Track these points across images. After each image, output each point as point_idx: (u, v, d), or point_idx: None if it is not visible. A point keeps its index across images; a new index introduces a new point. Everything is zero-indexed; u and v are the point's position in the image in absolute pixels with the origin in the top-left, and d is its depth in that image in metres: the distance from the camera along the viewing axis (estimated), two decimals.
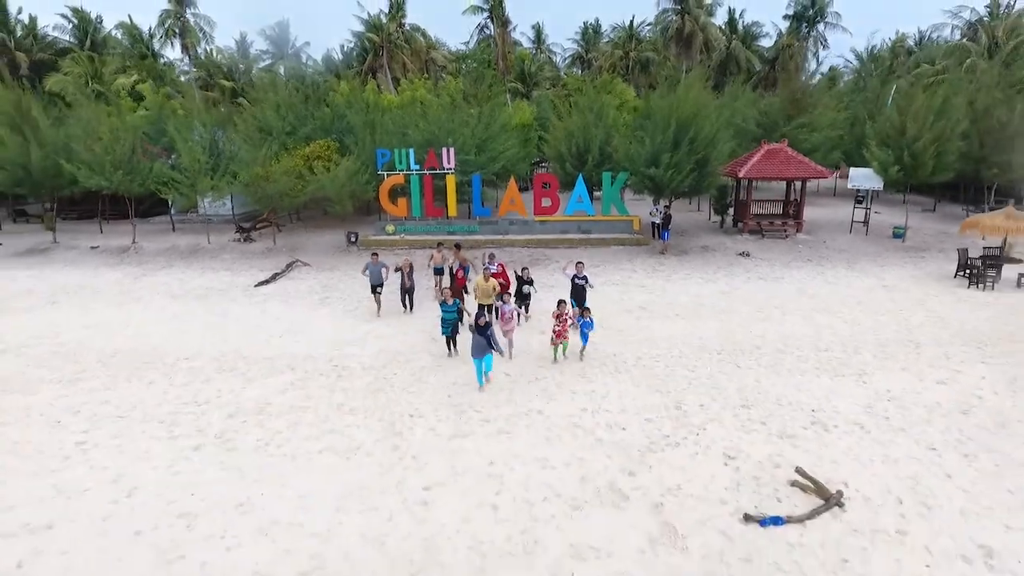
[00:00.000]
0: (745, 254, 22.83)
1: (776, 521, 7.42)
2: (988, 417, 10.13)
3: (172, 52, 55.99)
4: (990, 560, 6.77)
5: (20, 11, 52.34)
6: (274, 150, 26.00)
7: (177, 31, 51.55)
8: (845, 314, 16.09)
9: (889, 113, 25.26)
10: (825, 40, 61.89)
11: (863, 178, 24.93)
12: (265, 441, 9.66)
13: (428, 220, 25.51)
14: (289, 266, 22.08)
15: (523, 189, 28.87)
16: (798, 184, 25.90)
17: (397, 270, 16.35)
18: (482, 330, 11.00)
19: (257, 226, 27.29)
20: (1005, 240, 19.21)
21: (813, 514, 7.56)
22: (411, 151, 24.58)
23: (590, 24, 73.15)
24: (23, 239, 27.42)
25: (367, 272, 16.37)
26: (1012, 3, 40.62)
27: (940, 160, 22.87)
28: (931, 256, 22.49)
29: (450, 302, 12.84)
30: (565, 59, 74.51)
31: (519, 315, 14.77)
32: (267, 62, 60.33)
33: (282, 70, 58.80)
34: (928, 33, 49.63)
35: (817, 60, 62.79)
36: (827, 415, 10.26)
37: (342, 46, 61.96)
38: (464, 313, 12.98)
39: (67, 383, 12.13)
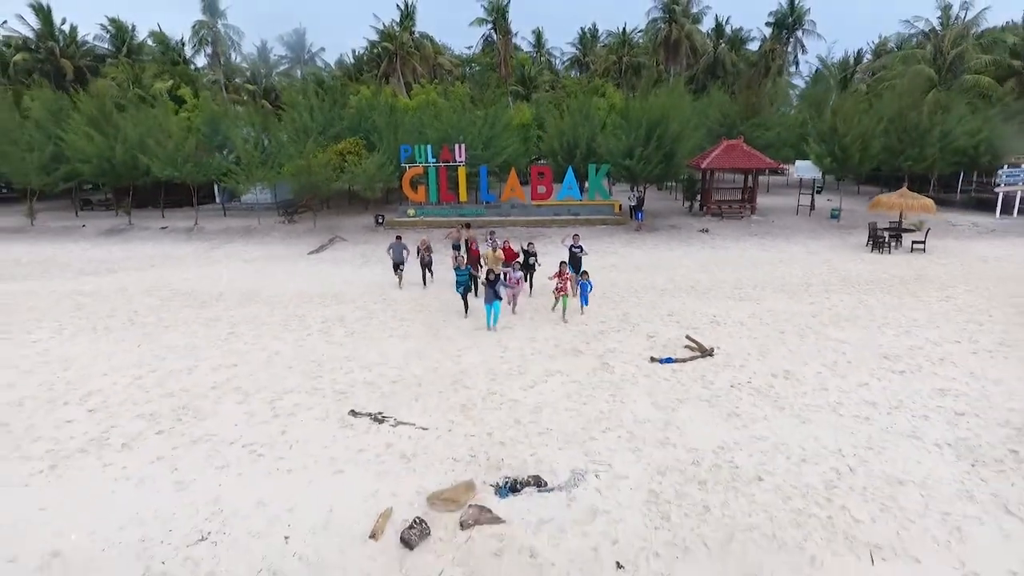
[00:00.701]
0: (704, 231, 27.87)
1: (668, 360, 12.44)
2: (828, 318, 15.20)
3: (200, 59, 61.14)
4: (787, 379, 11.73)
5: (64, 21, 57.34)
6: (311, 147, 31.06)
7: (209, 40, 56.63)
8: (767, 270, 21.13)
9: (826, 114, 30.26)
10: (803, 45, 66.98)
11: (805, 169, 30.00)
12: (350, 332, 14.71)
13: (443, 205, 30.55)
14: (331, 240, 27.17)
15: (523, 183, 33.85)
16: (754, 173, 30.90)
17: (418, 250, 19.28)
18: (491, 283, 14.32)
19: (299, 210, 32.35)
20: (901, 214, 24.17)
21: (692, 358, 12.59)
22: (429, 147, 29.65)
23: (587, 29, 78.22)
24: (99, 222, 32.49)
25: (391, 251, 19.16)
26: (961, 16, 45.39)
27: (865, 153, 27.86)
28: (857, 232, 27.43)
29: (463, 267, 16.09)
30: (564, 62, 79.53)
31: (523, 282, 16.92)
32: (285, 67, 65.54)
33: (299, 73, 64.04)
34: (890, 41, 54.50)
35: (797, 64, 67.91)
36: (722, 319, 15.29)
37: (354, 51, 67.20)
38: (476, 277, 17.45)
39: (199, 307, 17.19)
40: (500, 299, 14.49)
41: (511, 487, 7.95)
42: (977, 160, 30.28)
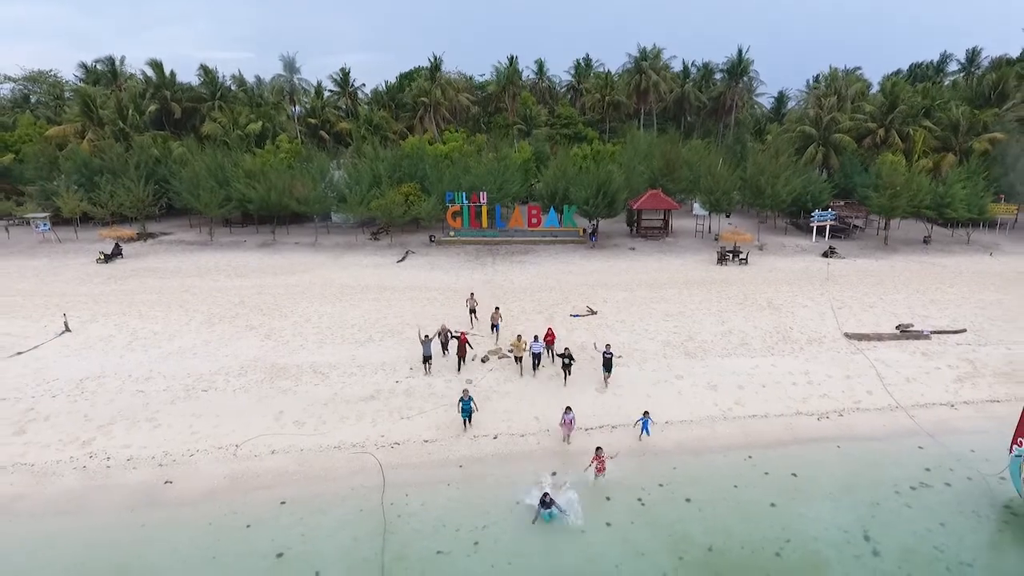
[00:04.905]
0: (632, 248, 45.86)
1: (576, 316, 30.57)
2: (659, 299, 33.26)
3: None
4: (622, 323, 29.73)
5: (173, 73, 74.57)
6: (385, 190, 48.95)
7: (287, 91, 74.46)
8: (651, 274, 39.09)
9: (714, 169, 48.07)
10: (751, 90, 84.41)
11: (699, 207, 47.84)
12: (429, 301, 32.82)
13: (472, 229, 48.60)
14: (407, 254, 45.22)
15: (523, 202, 51.72)
16: (667, 212, 48.75)
17: (437, 334, 25.20)
18: (545, 504, 15.94)
19: (379, 231, 50.44)
20: (734, 244, 42.04)
21: (587, 315, 30.68)
22: (464, 194, 47.64)
23: (582, 60, 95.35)
24: (251, 238, 50.55)
25: (422, 343, 23.76)
26: (845, 92, 62.72)
27: (729, 196, 45.74)
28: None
29: (467, 398, 19.75)
30: (562, 86, 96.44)
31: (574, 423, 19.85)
32: (336, 100, 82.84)
33: (344, 106, 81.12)
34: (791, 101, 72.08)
35: (746, 106, 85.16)
36: (609, 299, 33.32)
37: (386, 82, 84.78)
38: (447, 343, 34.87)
39: (360, 292, 35.27)
40: (550, 509, 16.02)
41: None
42: (805, 203, 47.98)
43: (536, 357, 24.22)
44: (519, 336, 24.25)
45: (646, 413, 19.87)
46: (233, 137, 66.25)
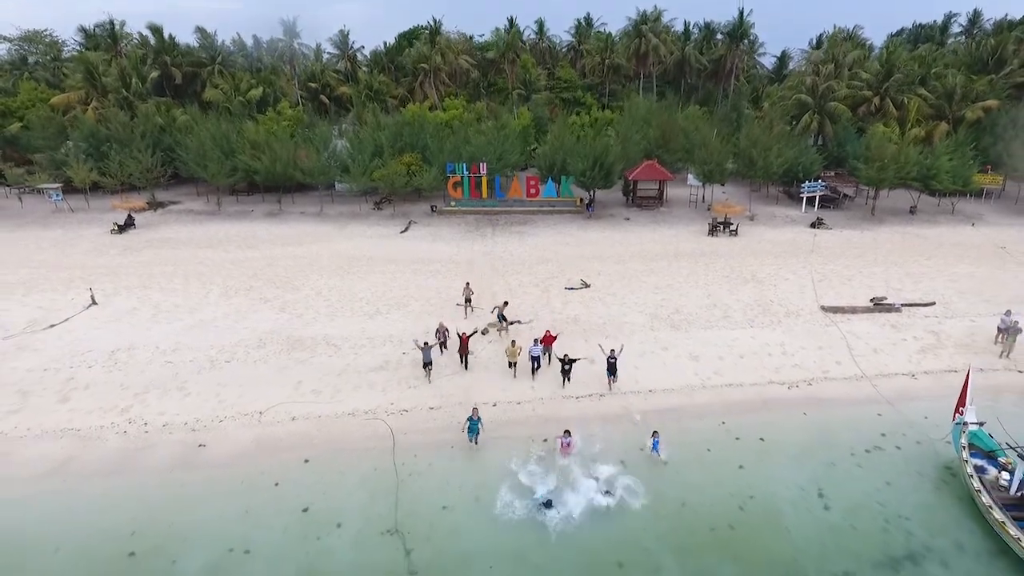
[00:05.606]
0: (627, 219, 47.37)
1: (571, 288, 32.43)
2: (649, 271, 35.03)
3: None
4: (613, 296, 31.61)
5: (172, 37, 74.47)
6: (387, 159, 50.09)
7: (287, 57, 74.55)
8: (643, 246, 40.75)
9: (708, 141, 49.17)
10: (752, 51, 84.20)
11: (693, 178, 49.15)
12: (432, 273, 34.64)
13: (473, 199, 49.99)
14: (409, 224, 46.75)
15: (523, 168, 53.27)
16: (662, 182, 50.07)
17: (436, 332, 25.28)
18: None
19: (382, 200, 51.83)
20: (725, 215, 43.55)
21: (581, 288, 32.53)
22: (464, 164, 48.85)
23: (583, 19, 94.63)
24: (258, 208, 52.00)
25: (422, 351, 23.14)
26: (843, 59, 62.97)
27: (723, 168, 47.02)
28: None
29: (476, 417, 19.75)
30: (563, 47, 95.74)
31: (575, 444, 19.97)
32: (336, 64, 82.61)
33: (343, 67, 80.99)
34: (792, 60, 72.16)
35: (746, 68, 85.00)
36: (603, 272, 35.09)
37: (385, 42, 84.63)
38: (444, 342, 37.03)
39: (367, 264, 37.04)
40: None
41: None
42: (797, 174, 49.21)
43: (535, 360, 24.00)
44: (513, 342, 24.08)
45: (655, 433, 19.88)
46: (235, 104, 66.89)
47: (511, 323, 27.48)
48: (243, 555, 16.14)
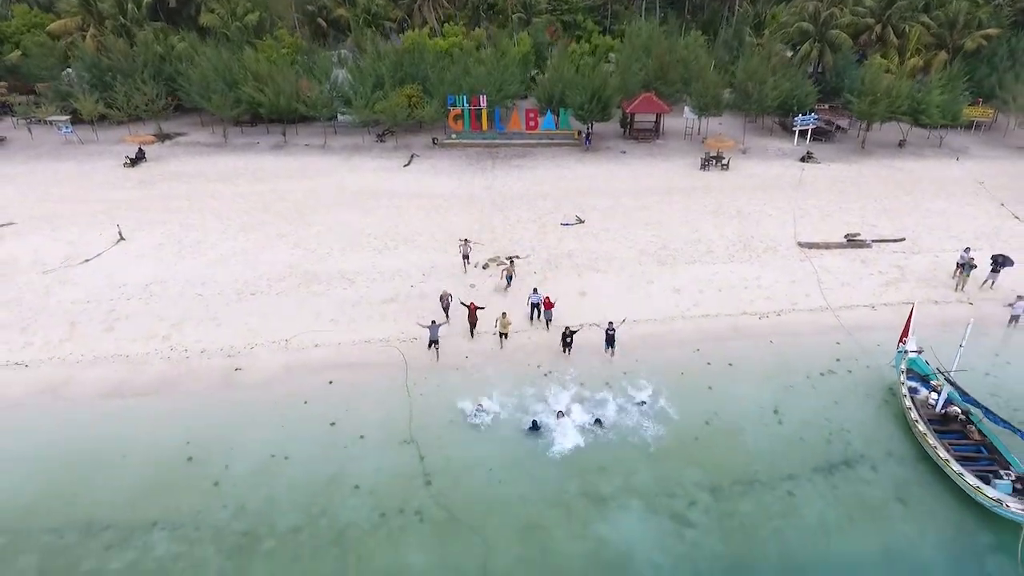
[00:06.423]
0: (623, 152, 48.69)
1: (566, 224, 34.52)
2: (640, 207, 36.97)
3: None
4: (607, 232, 33.72)
5: None
6: (388, 91, 50.72)
7: None
8: (637, 181, 42.41)
9: (705, 73, 49.70)
10: None
11: (689, 111, 50.07)
12: (434, 209, 36.63)
13: (473, 132, 51.08)
14: (412, 157, 48.11)
15: (522, 97, 54.50)
16: (659, 115, 50.99)
17: (439, 299, 25.31)
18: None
19: (384, 133, 52.86)
20: (717, 150, 44.91)
21: (575, 224, 34.62)
22: (464, 96, 49.63)
23: None
24: (263, 140, 53.06)
25: (429, 329, 23.00)
26: None
27: (718, 100, 47.93)
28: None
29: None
30: None
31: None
32: None
33: None
34: None
35: None
36: (598, 207, 37.00)
37: None
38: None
39: (372, 198, 38.91)
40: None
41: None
42: (792, 107, 49.95)
43: (535, 308, 25.30)
44: (504, 313, 24.12)
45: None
46: (232, 29, 66.22)
47: (510, 258, 29.72)
48: (283, 460, 19.24)
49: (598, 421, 20.65)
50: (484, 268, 29.65)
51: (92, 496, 17.97)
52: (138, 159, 46.21)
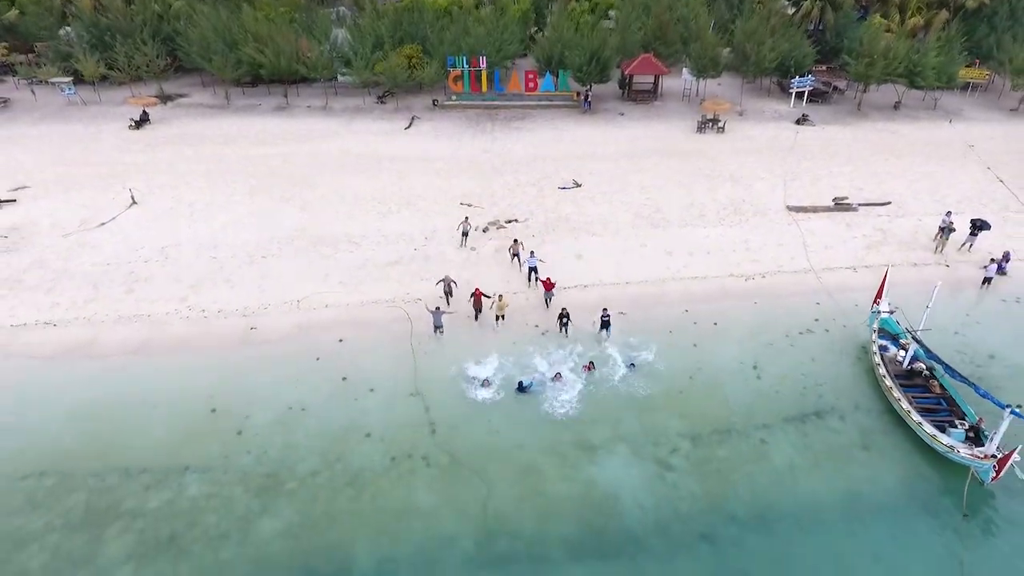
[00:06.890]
0: (621, 114, 49.24)
1: (564, 188, 35.60)
2: (635, 170, 37.96)
3: None
4: (604, 193, 34.82)
5: None
6: (388, 52, 50.93)
7: None
8: (634, 143, 43.19)
9: (704, 34, 49.85)
10: None
11: (687, 73, 50.37)
12: (437, 173, 37.64)
13: (473, 93, 51.49)
14: (413, 120, 48.71)
15: (522, 56, 54.88)
16: (657, 76, 51.29)
17: (440, 282, 25.20)
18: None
19: (385, 94, 53.26)
20: (713, 112, 45.50)
21: (572, 188, 35.68)
22: (464, 57, 49.90)
23: None
24: (265, 101, 53.46)
25: (432, 316, 23.74)
26: None
27: (716, 61, 48.26)
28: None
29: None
30: None
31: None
32: None
33: None
34: None
35: None
36: (594, 171, 37.99)
37: None
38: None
39: (375, 161, 39.86)
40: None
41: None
42: (790, 68, 50.21)
43: (533, 271, 26.53)
44: (500, 296, 24.49)
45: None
46: None
47: (509, 221, 30.92)
48: (300, 411, 20.96)
49: (585, 366, 22.50)
50: (484, 231, 30.89)
51: (127, 443, 19.73)
52: (142, 121, 46.86)
